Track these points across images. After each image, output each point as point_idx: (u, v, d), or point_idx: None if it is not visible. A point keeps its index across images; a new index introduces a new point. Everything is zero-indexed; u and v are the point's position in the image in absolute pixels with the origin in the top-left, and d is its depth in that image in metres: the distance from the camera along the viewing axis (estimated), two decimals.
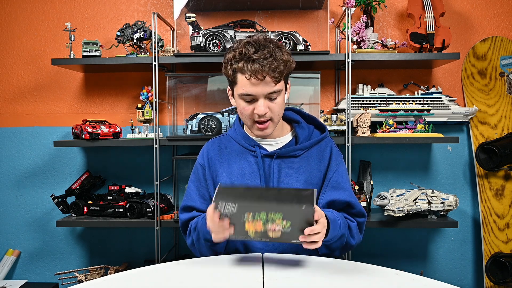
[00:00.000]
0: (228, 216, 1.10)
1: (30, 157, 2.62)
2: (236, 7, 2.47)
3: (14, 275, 2.64)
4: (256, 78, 1.22)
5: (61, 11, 2.58)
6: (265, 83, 1.23)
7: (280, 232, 1.09)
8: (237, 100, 1.31)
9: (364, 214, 1.36)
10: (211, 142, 1.46)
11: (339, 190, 1.33)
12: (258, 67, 1.20)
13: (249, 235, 1.10)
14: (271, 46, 1.23)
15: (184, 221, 1.41)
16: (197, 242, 1.34)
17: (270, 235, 1.09)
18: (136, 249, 2.61)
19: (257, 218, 1.09)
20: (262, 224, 1.09)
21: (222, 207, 1.10)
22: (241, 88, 1.26)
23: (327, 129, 1.44)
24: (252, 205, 1.09)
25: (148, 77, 2.49)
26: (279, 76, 1.24)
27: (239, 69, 1.24)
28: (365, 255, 2.47)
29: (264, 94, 1.25)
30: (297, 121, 1.42)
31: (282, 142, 1.39)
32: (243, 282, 1.05)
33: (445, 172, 2.52)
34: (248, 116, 1.29)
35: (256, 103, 1.26)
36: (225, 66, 1.29)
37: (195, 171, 1.44)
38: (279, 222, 1.09)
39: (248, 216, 1.09)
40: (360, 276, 1.10)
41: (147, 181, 2.53)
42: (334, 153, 1.39)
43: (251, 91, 1.24)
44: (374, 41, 2.30)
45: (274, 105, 1.27)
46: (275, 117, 1.29)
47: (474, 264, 2.54)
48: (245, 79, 1.23)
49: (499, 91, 2.46)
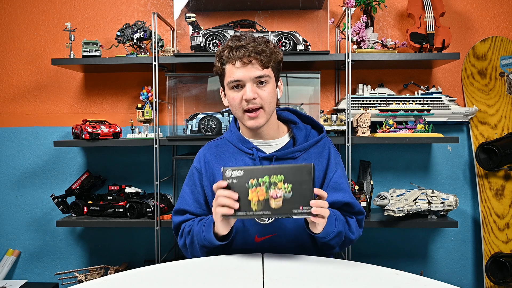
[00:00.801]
0: (235, 180, 1.14)
1: (30, 157, 2.62)
2: (236, 7, 2.47)
3: (14, 275, 2.64)
4: (242, 62, 1.24)
5: (61, 11, 2.58)
6: (251, 65, 1.24)
7: (281, 200, 1.11)
8: (227, 93, 1.31)
9: (363, 212, 1.37)
10: (207, 146, 1.45)
11: (339, 191, 1.33)
12: (243, 51, 1.24)
13: (251, 208, 1.12)
14: (257, 38, 1.28)
15: (176, 223, 1.41)
16: (190, 245, 1.34)
17: (272, 205, 1.11)
18: (136, 249, 2.61)
19: (260, 183, 1.12)
20: (265, 190, 1.11)
21: (229, 173, 1.14)
22: (229, 76, 1.27)
23: (324, 129, 1.44)
24: (256, 170, 1.13)
25: (148, 77, 2.49)
26: (265, 59, 1.25)
27: (226, 58, 1.26)
28: (365, 255, 2.47)
29: (251, 77, 1.25)
30: (294, 122, 1.41)
31: (280, 143, 1.38)
32: (243, 282, 1.05)
33: (445, 172, 2.52)
34: (237, 105, 1.28)
35: (244, 89, 1.26)
36: (215, 63, 1.31)
37: (190, 174, 1.43)
38: (280, 186, 1.11)
39: (251, 182, 1.12)
40: (360, 276, 1.11)
41: (147, 181, 2.53)
42: (333, 154, 1.39)
43: (239, 75, 1.25)
44: (374, 41, 2.31)
45: (263, 92, 1.27)
46: (265, 105, 1.28)
47: (474, 264, 2.55)
48: (232, 65, 1.26)
49: (499, 91, 2.46)
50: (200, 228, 1.28)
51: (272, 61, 1.27)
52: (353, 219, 1.34)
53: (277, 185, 1.11)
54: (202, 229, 1.27)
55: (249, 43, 1.25)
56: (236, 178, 1.14)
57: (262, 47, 1.25)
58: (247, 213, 1.13)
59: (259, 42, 1.26)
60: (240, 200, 1.13)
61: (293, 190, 1.10)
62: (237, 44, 1.25)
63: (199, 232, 1.28)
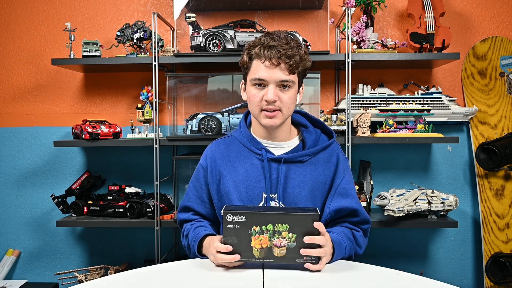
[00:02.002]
0: (236, 226, 1.10)
1: (30, 157, 2.62)
2: (236, 7, 2.47)
3: (14, 275, 2.64)
4: (270, 62, 1.22)
5: (61, 11, 2.58)
6: (279, 68, 1.23)
7: (285, 249, 1.09)
8: (248, 88, 1.30)
9: (369, 220, 1.36)
10: (215, 144, 1.44)
11: (346, 197, 1.33)
12: (274, 52, 1.22)
13: (253, 255, 1.10)
14: (290, 40, 1.26)
15: (181, 220, 1.45)
16: (187, 249, 1.38)
17: (275, 253, 1.09)
18: (136, 249, 2.61)
19: (264, 230, 1.09)
20: (269, 238, 1.09)
21: (231, 218, 1.10)
22: (254, 73, 1.26)
23: (334, 134, 1.42)
24: (259, 216, 1.09)
25: (148, 77, 2.49)
26: (293, 65, 1.24)
27: (255, 54, 1.25)
28: (365, 255, 2.45)
29: (276, 80, 1.24)
30: (304, 125, 1.40)
31: (289, 146, 1.37)
32: (243, 282, 1.05)
33: (445, 172, 2.52)
34: (257, 103, 1.27)
35: (266, 89, 1.25)
36: (242, 55, 1.30)
37: (196, 172, 1.44)
38: (285, 235, 1.09)
39: (254, 229, 1.09)
40: (360, 276, 1.11)
41: (147, 181, 2.53)
42: (341, 160, 1.38)
43: (264, 75, 1.24)
44: (374, 41, 2.30)
45: (284, 96, 1.26)
46: (284, 109, 1.27)
47: (474, 264, 2.54)
48: (260, 63, 1.24)
49: (499, 91, 2.46)
50: (192, 242, 1.32)
51: (300, 67, 1.26)
52: (360, 233, 1.34)
53: (281, 234, 1.09)
54: (193, 243, 1.31)
55: (281, 44, 1.23)
56: (237, 223, 1.10)
57: (293, 51, 1.23)
58: (248, 259, 1.11)
59: (291, 46, 1.24)
60: (242, 246, 1.10)
61: (297, 240, 1.09)
62: (270, 43, 1.23)
63: (191, 244, 1.33)
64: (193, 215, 1.42)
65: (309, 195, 1.31)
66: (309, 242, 1.10)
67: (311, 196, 1.31)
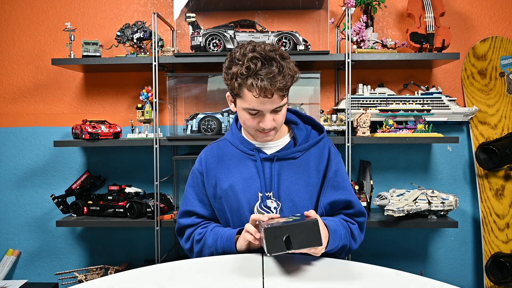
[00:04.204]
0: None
1: (30, 157, 2.62)
2: (236, 7, 2.47)
3: (14, 275, 2.64)
4: (264, 97, 1.20)
5: (61, 11, 2.58)
6: (272, 100, 1.21)
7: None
8: (240, 111, 1.29)
9: (364, 213, 1.37)
10: (209, 148, 1.45)
11: (339, 189, 1.34)
12: (267, 86, 1.17)
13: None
14: (277, 59, 1.19)
15: (183, 225, 1.42)
16: (198, 253, 1.37)
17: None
18: (136, 249, 2.61)
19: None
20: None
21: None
22: (247, 103, 1.23)
23: (324, 129, 1.44)
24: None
25: (148, 77, 2.49)
26: (286, 92, 1.24)
27: (247, 86, 1.20)
28: (365, 255, 2.47)
29: (270, 109, 1.24)
30: (295, 122, 1.41)
31: (281, 144, 1.38)
32: (243, 282, 1.05)
33: (445, 172, 2.52)
34: (252, 127, 1.29)
35: (262, 117, 1.25)
36: (230, 78, 1.23)
37: (192, 176, 1.44)
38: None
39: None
40: (360, 276, 1.10)
41: (147, 181, 2.53)
42: (333, 153, 1.39)
43: (259, 107, 1.23)
44: (374, 41, 2.31)
45: (279, 116, 1.28)
46: (278, 126, 1.30)
47: (474, 264, 2.54)
48: (253, 96, 1.20)
49: (499, 91, 2.46)
50: (217, 242, 1.31)
51: (290, 86, 1.26)
52: (355, 226, 1.35)
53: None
54: (219, 243, 1.31)
55: (274, 76, 1.17)
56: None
57: (286, 80, 1.19)
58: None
59: (283, 73, 1.19)
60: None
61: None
62: (259, 72, 1.17)
63: (214, 245, 1.32)
64: (197, 218, 1.42)
65: (304, 190, 1.33)
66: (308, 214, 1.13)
67: (306, 191, 1.33)
